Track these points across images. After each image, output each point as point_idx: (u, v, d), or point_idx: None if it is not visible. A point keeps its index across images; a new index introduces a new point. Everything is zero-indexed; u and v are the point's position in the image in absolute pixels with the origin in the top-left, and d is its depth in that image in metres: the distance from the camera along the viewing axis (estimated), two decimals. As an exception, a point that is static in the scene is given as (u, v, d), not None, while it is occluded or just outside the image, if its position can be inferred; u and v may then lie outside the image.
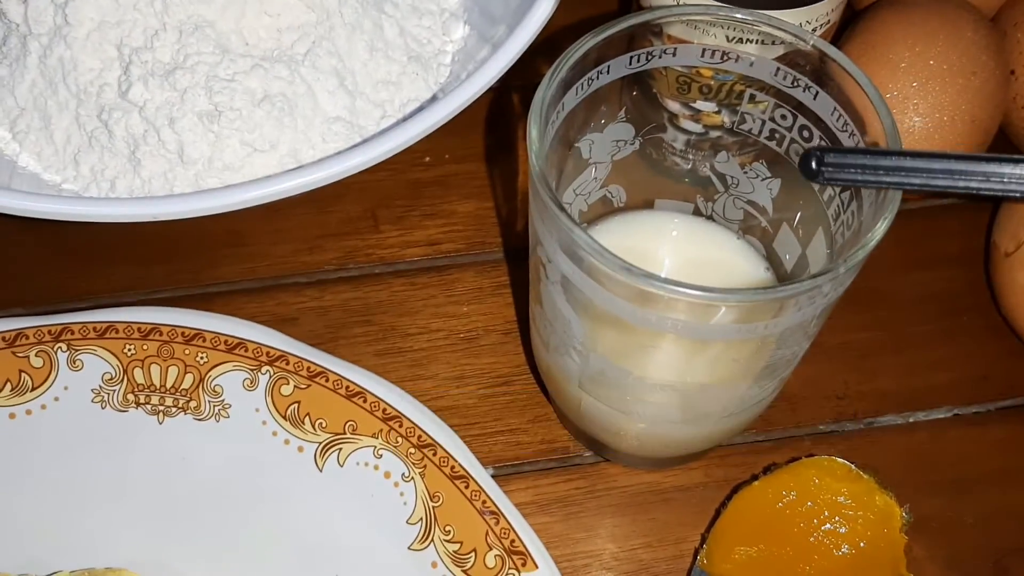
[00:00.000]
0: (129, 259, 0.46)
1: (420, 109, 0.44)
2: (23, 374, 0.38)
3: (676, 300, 0.28)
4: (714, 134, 0.40)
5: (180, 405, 0.38)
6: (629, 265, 0.28)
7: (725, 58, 0.35)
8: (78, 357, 0.38)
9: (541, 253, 0.32)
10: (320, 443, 0.37)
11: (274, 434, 0.37)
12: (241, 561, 0.36)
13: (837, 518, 0.36)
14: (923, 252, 0.47)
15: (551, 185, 0.30)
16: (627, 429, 0.37)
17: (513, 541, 0.34)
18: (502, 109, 0.51)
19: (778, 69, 0.34)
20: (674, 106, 0.41)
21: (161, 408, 0.38)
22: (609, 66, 0.34)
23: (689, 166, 0.40)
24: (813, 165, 0.30)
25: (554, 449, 0.42)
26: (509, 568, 0.34)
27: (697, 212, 0.40)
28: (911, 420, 0.43)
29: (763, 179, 0.37)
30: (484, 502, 0.35)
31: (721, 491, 0.40)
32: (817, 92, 0.34)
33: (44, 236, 0.46)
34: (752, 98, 0.36)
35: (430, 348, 0.44)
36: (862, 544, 0.36)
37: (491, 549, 0.34)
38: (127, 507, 0.37)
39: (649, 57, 0.35)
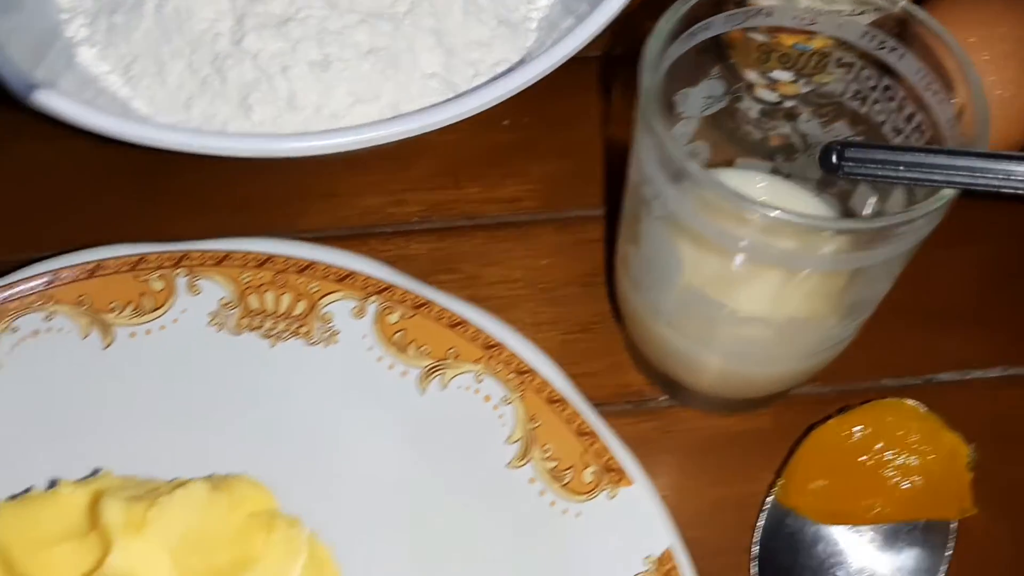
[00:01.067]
0: (225, 207, 0.48)
1: (510, 70, 0.47)
2: (143, 296, 0.40)
3: (785, 228, 0.30)
4: (790, 103, 0.43)
5: (292, 330, 0.40)
6: (742, 194, 0.30)
7: (815, 21, 0.37)
8: (196, 282, 0.40)
9: (646, 191, 0.34)
10: (423, 368, 0.39)
11: (379, 359, 0.40)
12: (343, 480, 0.39)
13: (907, 454, 0.39)
14: (979, 217, 0.49)
15: (664, 122, 0.32)
16: (709, 367, 0.39)
17: (609, 460, 0.37)
18: (578, 77, 0.53)
19: (865, 32, 0.37)
20: (752, 75, 0.44)
21: (273, 333, 0.40)
22: (709, 23, 0.37)
23: (769, 128, 0.43)
24: (833, 159, 0.31)
25: (630, 393, 0.45)
26: (606, 484, 0.36)
27: (775, 172, 0.42)
28: (968, 377, 0.45)
29: (844, 138, 0.40)
30: (580, 425, 0.37)
31: (791, 435, 0.42)
32: (903, 54, 0.36)
33: (141, 181, 0.48)
34: (836, 62, 0.39)
35: (511, 296, 0.47)
36: (930, 479, 0.38)
37: (588, 466, 0.37)
38: (237, 426, 0.39)
39: (746, 16, 0.37)
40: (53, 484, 0.35)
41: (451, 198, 0.50)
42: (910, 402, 0.39)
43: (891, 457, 0.39)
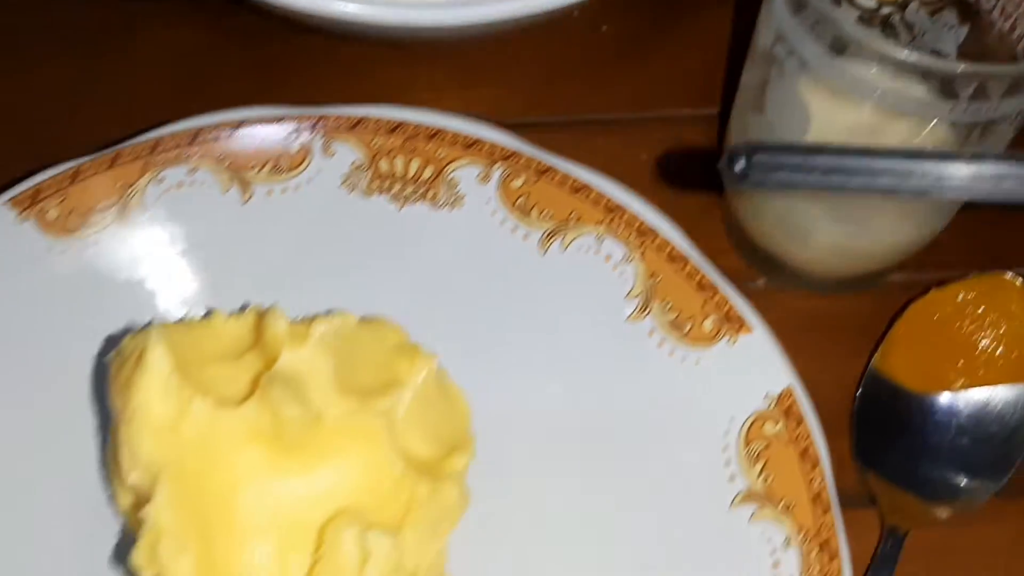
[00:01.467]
0: (356, 78, 0.49)
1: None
2: (281, 157, 0.42)
3: (925, 72, 0.32)
4: None
5: (419, 194, 0.42)
6: (886, 35, 0.32)
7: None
8: (331, 145, 0.42)
9: (779, 50, 0.37)
10: (545, 231, 0.41)
11: (502, 223, 0.42)
12: (466, 334, 0.41)
13: (1004, 323, 0.41)
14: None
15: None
16: (823, 237, 0.41)
17: (729, 309, 0.39)
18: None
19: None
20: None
21: (402, 196, 0.42)
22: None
23: (876, 16, 0.45)
24: (737, 166, 0.25)
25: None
26: (726, 332, 0.38)
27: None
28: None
29: (950, 27, 0.42)
30: (701, 279, 0.39)
31: (889, 313, 0.44)
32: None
33: (275, 49, 0.50)
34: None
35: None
36: (1026, 346, 0.40)
37: (708, 317, 0.39)
38: (365, 284, 0.41)
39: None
40: (208, 314, 0.37)
41: (553, 94, 0.52)
42: (1009, 275, 0.41)
43: (988, 325, 0.41)
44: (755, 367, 0.38)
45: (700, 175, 0.49)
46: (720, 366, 0.38)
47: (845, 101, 0.35)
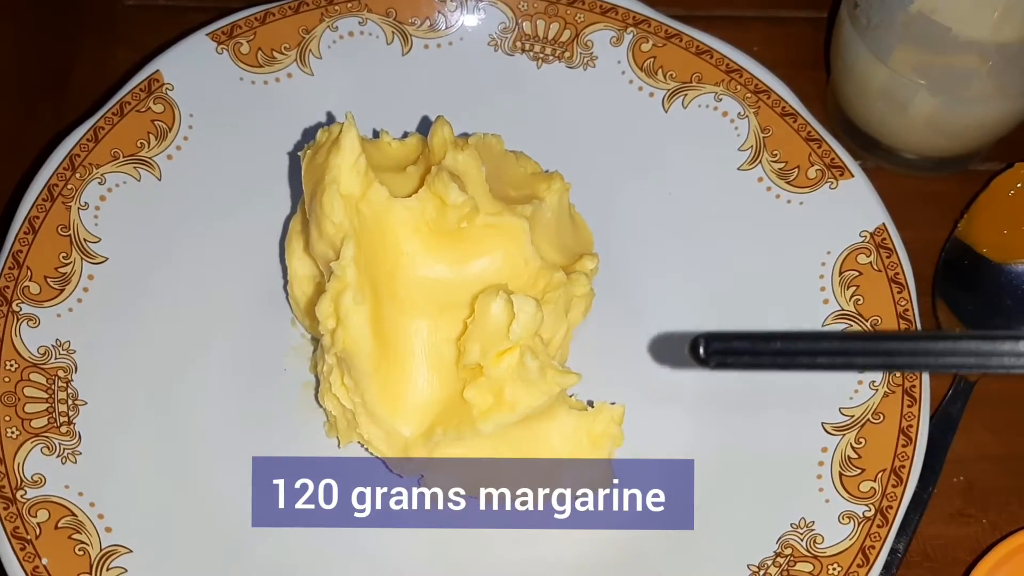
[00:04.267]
0: None
1: None
2: (439, 14, 0.48)
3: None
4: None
5: (556, 55, 0.48)
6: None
7: None
8: (483, 7, 0.48)
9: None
10: (668, 90, 0.46)
11: (630, 82, 0.47)
12: (592, 176, 0.46)
13: (1087, 193, 0.44)
14: None
15: None
16: (919, 104, 0.45)
17: (833, 159, 0.43)
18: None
19: None
20: None
21: (541, 56, 0.48)
22: None
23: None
24: (700, 352, 0.28)
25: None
26: (828, 178, 0.43)
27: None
28: None
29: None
30: (809, 132, 0.44)
31: (975, 192, 0.48)
32: None
33: None
34: None
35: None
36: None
37: (812, 165, 0.43)
38: (505, 133, 0.46)
39: None
40: (376, 135, 0.43)
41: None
42: (1095, 151, 0.45)
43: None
44: (853, 208, 0.42)
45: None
46: (822, 207, 0.43)
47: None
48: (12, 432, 0.38)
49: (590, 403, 0.40)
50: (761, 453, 0.39)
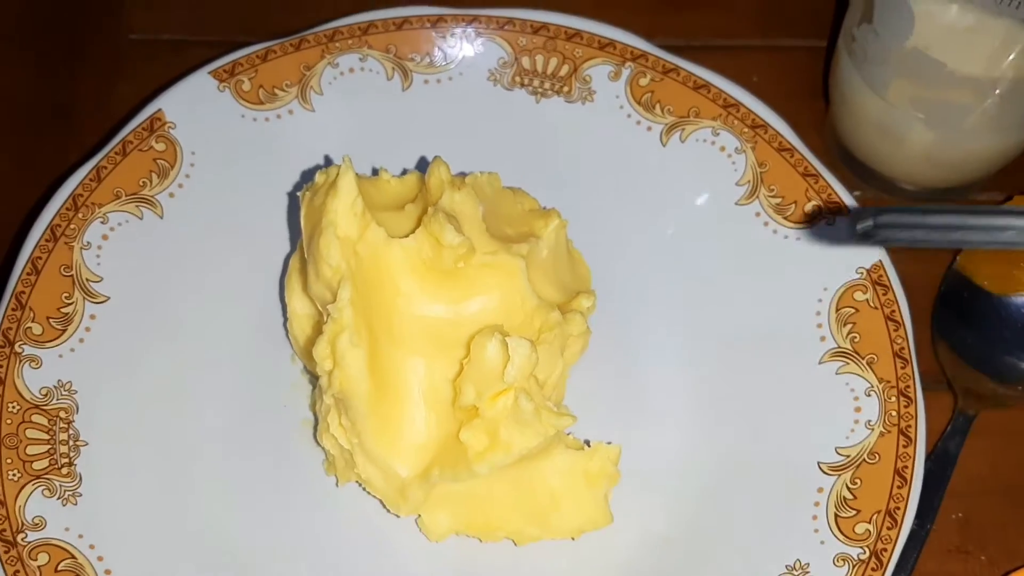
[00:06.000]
0: None
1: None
2: (439, 50, 0.48)
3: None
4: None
5: (555, 89, 0.48)
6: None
7: None
8: (482, 42, 0.48)
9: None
10: (667, 124, 0.47)
11: (628, 116, 0.47)
12: (590, 213, 0.46)
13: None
14: None
15: None
16: (915, 138, 0.45)
17: (830, 194, 0.43)
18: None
19: None
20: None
21: (540, 90, 0.48)
22: None
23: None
24: (871, 223, 0.28)
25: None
26: (825, 213, 0.43)
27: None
28: None
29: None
30: (806, 168, 0.44)
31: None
32: None
33: None
34: None
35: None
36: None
37: (809, 200, 0.44)
38: (503, 165, 0.47)
39: None
40: (375, 172, 0.44)
41: (671, 21, 0.57)
42: (1094, 184, 0.45)
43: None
44: (850, 244, 0.42)
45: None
46: (818, 242, 0.43)
47: (945, 6, 0.40)
48: (14, 475, 0.38)
49: (587, 442, 0.40)
50: (758, 493, 0.39)
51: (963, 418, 0.43)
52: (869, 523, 0.36)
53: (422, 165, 0.47)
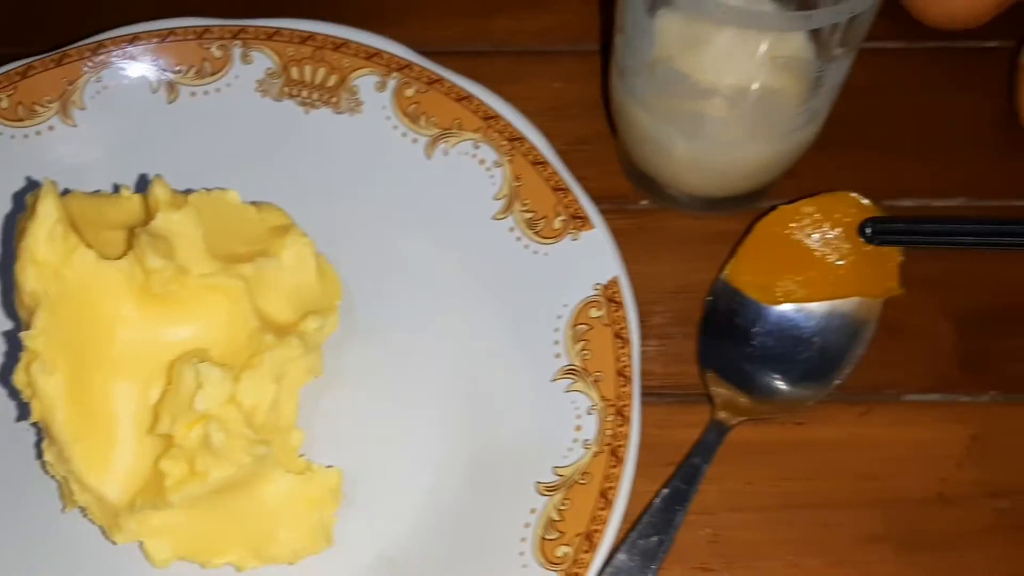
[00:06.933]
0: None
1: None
2: (205, 62, 0.47)
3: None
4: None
5: (324, 100, 0.47)
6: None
7: None
8: (250, 53, 0.47)
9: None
10: (431, 136, 0.46)
11: (395, 128, 0.46)
12: (356, 224, 0.46)
13: (843, 238, 0.44)
14: (954, 78, 0.54)
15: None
16: (679, 152, 0.44)
17: (577, 209, 0.43)
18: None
19: None
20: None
21: (308, 101, 0.47)
22: None
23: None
24: (868, 232, 0.43)
25: (617, 196, 0.50)
26: (571, 228, 0.42)
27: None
28: (925, 204, 0.49)
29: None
30: (557, 182, 0.43)
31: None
32: None
33: None
34: None
35: (527, 110, 0.52)
36: (862, 259, 0.43)
37: (559, 215, 0.43)
38: (271, 176, 0.46)
39: None
40: (117, 189, 0.43)
41: (485, 27, 0.56)
42: (852, 194, 0.44)
43: (828, 240, 0.44)
44: (591, 260, 0.42)
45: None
46: (563, 258, 0.42)
47: (679, 21, 0.39)
48: None
49: (329, 466, 0.40)
50: (480, 515, 0.39)
51: (716, 431, 0.43)
52: (569, 546, 0.36)
53: (188, 177, 0.47)
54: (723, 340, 0.44)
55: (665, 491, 0.41)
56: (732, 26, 0.38)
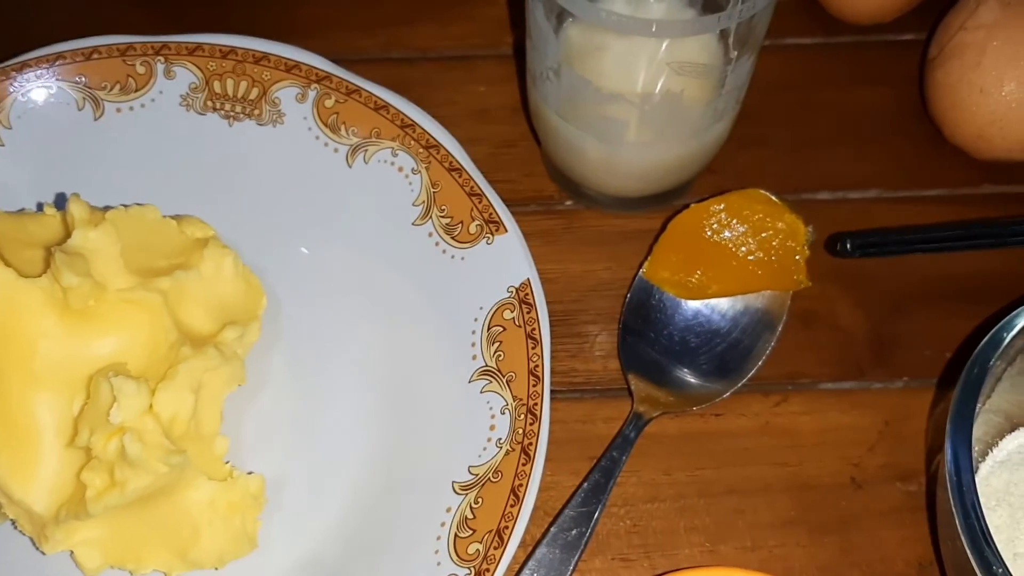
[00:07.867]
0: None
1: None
2: (129, 78, 0.48)
3: None
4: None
5: (246, 112, 0.48)
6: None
7: None
8: (172, 68, 0.48)
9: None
10: (351, 145, 0.47)
11: (316, 138, 0.47)
12: (278, 233, 0.47)
13: (753, 233, 0.45)
14: (867, 72, 0.55)
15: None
16: (592, 154, 0.45)
17: (491, 214, 0.44)
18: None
19: None
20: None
21: (232, 114, 0.48)
22: None
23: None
24: (848, 247, 0.46)
25: (542, 197, 0.52)
26: (486, 233, 0.44)
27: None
28: (841, 196, 0.51)
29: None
30: (472, 188, 0.44)
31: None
32: None
33: None
34: None
35: (451, 116, 0.53)
36: (772, 254, 0.45)
37: (474, 220, 0.44)
38: (196, 187, 0.47)
39: None
40: (40, 207, 0.44)
41: (408, 34, 0.57)
42: (761, 191, 0.45)
43: (739, 236, 0.45)
44: (505, 263, 0.43)
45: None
46: (478, 262, 0.43)
47: (575, 28, 0.40)
48: None
49: (250, 473, 0.41)
50: (401, 515, 0.40)
51: (635, 424, 0.44)
52: (480, 543, 0.37)
53: (115, 194, 0.47)
54: (642, 336, 0.46)
55: (585, 485, 0.42)
56: (625, 33, 0.39)
